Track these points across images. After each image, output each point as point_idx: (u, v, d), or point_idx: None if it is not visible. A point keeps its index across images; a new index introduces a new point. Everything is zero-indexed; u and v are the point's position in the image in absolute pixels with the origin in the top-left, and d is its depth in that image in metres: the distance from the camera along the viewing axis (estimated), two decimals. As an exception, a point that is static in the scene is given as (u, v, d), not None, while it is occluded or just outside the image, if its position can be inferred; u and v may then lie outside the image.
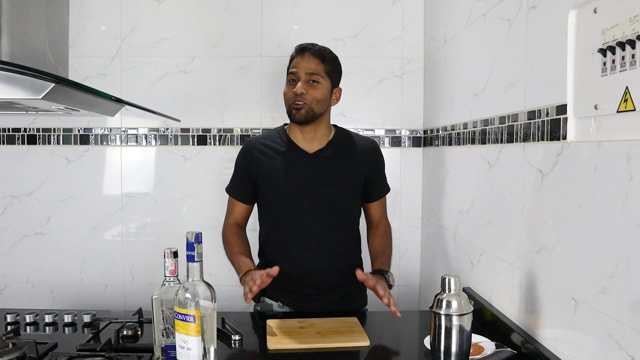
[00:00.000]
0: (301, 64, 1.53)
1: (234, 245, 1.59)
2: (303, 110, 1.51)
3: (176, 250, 1.14)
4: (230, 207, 1.67)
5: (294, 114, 1.53)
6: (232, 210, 1.66)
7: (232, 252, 1.58)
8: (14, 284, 2.30)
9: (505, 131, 1.38)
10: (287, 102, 1.54)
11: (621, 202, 0.89)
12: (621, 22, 0.87)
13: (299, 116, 1.52)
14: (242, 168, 1.62)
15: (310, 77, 1.52)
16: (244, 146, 1.65)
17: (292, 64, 1.56)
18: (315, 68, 1.53)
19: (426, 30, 2.24)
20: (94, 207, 2.28)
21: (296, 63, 1.54)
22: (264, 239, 1.65)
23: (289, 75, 1.55)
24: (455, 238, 1.81)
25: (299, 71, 1.53)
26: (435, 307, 1.02)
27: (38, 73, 1.02)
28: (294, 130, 1.60)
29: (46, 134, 2.27)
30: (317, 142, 1.59)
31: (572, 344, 1.05)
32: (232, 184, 1.67)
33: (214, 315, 1.07)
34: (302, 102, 1.51)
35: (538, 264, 1.19)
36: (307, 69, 1.52)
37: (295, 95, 1.51)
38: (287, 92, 1.55)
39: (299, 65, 1.53)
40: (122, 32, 2.23)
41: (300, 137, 1.59)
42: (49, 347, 1.26)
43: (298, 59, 1.55)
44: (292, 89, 1.52)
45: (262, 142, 1.62)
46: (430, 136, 2.19)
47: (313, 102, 1.52)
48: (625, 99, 0.86)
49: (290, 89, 1.53)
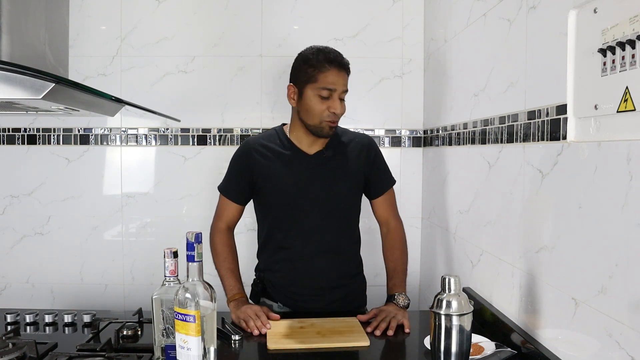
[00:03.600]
0: (340, 81, 1.47)
1: (224, 260, 1.58)
2: (335, 126, 1.51)
3: (176, 250, 1.14)
4: (222, 207, 1.63)
5: (327, 132, 1.50)
6: (224, 212, 1.63)
7: (222, 267, 1.57)
8: (14, 284, 2.30)
9: (505, 131, 1.38)
10: (318, 116, 1.47)
11: (621, 202, 0.89)
12: (621, 22, 0.87)
13: (332, 132, 1.52)
14: (241, 169, 1.59)
15: (343, 95, 1.51)
16: (242, 147, 1.62)
17: (327, 78, 1.45)
18: (347, 85, 1.51)
19: (426, 30, 2.24)
20: (94, 207, 2.28)
21: (335, 80, 1.46)
22: (264, 239, 1.64)
23: (324, 90, 1.46)
24: (455, 238, 1.81)
25: (338, 88, 1.47)
26: (435, 307, 1.02)
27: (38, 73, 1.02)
28: (298, 133, 1.56)
29: (46, 134, 2.27)
30: (318, 144, 1.58)
31: (572, 344, 1.05)
32: (226, 183, 1.63)
33: (214, 315, 1.07)
34: (337, 120, 1.50)
35: (538, 264, 1.19)
36: (344, 87, 1.49)
37: (333, 115, 1.47)
38: (318, 107, 1.47)
39: (338, 82, 1.47)
40: (122, 32, 2.23)
41: (304, 140, 1.56)
42: (49, 347, 1.26)
43: (335, 73, 1.46)
44: (326, 105, 1.46)
45: (261, 143, 1.59)
46: (430, 136, 2.19)
47: (340, 118, 1.52)
48: (625, 99, 0.86)
49: (324, 104, 1.47)
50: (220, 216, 1.63)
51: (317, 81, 1.46)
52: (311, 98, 1.47)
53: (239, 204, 1.62)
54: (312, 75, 1.47)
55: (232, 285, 1.54)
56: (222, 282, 1.56)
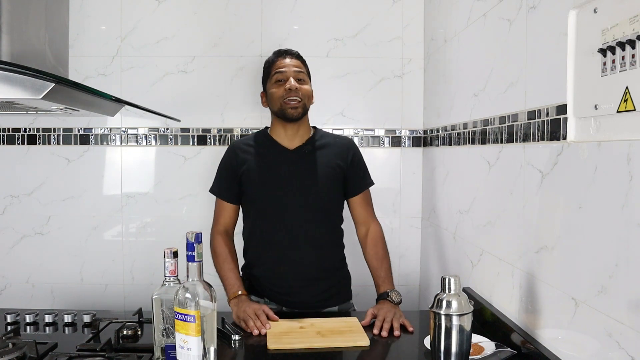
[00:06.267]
0: (286, 63, 1.59)
1: (224, 261, 1.60)
2: (299, 107, 1.57)
3: (176, 250, 1.14)
4: (218, 211, 1.67)
5: (290, 112, 1.56)
6: (220, 214, 1.66)
7: (223, 268, 1.59)
8: (14, 284, 2.30)
9: (505, 131, 1.38)
10: (278, 100, 1.57)
11: (621, 202, 0.89)
12: (621, 22, 0.87)
13: (296, 113, 1.57)
14: (228, 167, 1.65)
15: (298, 75, 1.59)
16: (228, 148, 1.70)
17: (275, 66, 1.60)
18: (301, 67, 1.61)
19: (426, 30, 2.24)
20: (94, 207, 2.28)
21: (281, 64, 1.59)
22: (248, 235, 1.67)
23: (276, 75, 1.58)
24: (455, 238, 1.81)
25: (287, 70, 1.58)
26: (435, 307, 1.02)
27: (38, 73, 1.02)
28: (277, 129, 1.64)
29: (46, 134, 2.27)
30: (298, 140, 1.64)
31: (572, 344, 1.05)
32: (217, 185, 1.68)
33: (214, 315, 1.07)
34: (297, 98, 1.55)
35: (538, 264, 1.19)
36: (295, 67, 1.59)
37: (289, 92, 1.55)
38: (276, 92, 1.58)
39: (285, 65, 1.59)
40: (122, 32, 2.23)
41: (283, 134, 1.63)
42: (49, 347, 1.26)
43: (281, 60, 1.60)
44: (281, 88, 1.56)
45: (245, 142, 1.68)
46: (430, 136, 2.19)
47: (305, 98, 1.58)
48: (625, 99, 0.86)
49: (279, 87, 1.57)
50: (218, 220, 1.67)
51: (270, 73, 1.62)
52: (271, 89, 1.60)
53: (232, 204, 1.66)
54: (267, 72, 1.64)
55: (232, 283, 1.55)
56: (223, 282, 1.57)
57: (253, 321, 1.40)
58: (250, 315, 1.42)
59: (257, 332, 1.38)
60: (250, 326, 1.39)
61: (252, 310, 1.44)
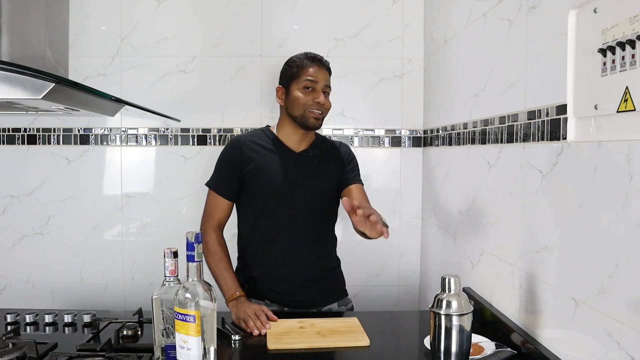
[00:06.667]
0: (319, 75, 1.58)
1: (219, 260, 1.58)
2: (321, 119, 1.60)
3: (176, 250, 1.14)
4: (212, 206, 1.64)
5: (312, 122, 1.58)
6: (214, 210, 1.63)
7: (218, 267, 1.57)
8: (14, 284, 2.30)
9: (505, 131, 1.38)
10: (302, 106, 1.56)
11: (621, 202, 0.89)
12: (621, 22, 0.87)
13: (318, 124, 1.60)
14: (231, 164, 1.61)
15: (326, 89, 1.60)
16: (231, 143, 1.65)
17: (308, 72, 1.58)
18: (329, 80, 1.62)
19: (426, 30, 2.24)
20: (94, 207, 2.28)
21: (314, 73, 1.58)
22: (248, 234, 1.65)
23: (306, 82, 1.57)
24: (455, 238, 1.81)
25: (319, 82, 1.58)
26: (435, 307, 1.02)
27: (38, 73, 1.02)
28: (286, 130, 1.64)
29: (46, 134, 2.27)
30: (304, 143, 1.66)
31: (572, 344, 1.05)
32: (216, 180, 1.64)
33: (214, 315, 1.07)
34: (321, 112, 1.58)
35: (538, 264, 1.19)
36: (325, 81, 1.60)
37: (317, 105, 1.56)
38: (302, 98, 1.57)
39: (318, 76, 1.58)
40: (122, 32, 2.23)
41: (292, 137, 1.63)
42: (49, 347, 1.26)
43: (315, 69, 1.59)
44: (310, 96, 1.56)
45: (250, 139, 1.65)
46: (430, 136, 2.19)
47: (326, 112, 1.61)
48: (625, 99, 0.86)
49: (307, 95, 1.57)
50: (211, 215, 1.63)
51: (300, 76, 1.58)
52: (296, 92, 1.58)
53: (229, 201, 1.64)
54: (295, 73, 1.59)
55: (229, 284, 1.54)
56: (218, 282, 1.56)
57: (253, 321, 1.41)
58: (250, 316, 1.42)
59: (257, 332, 1.38)
60: (250, 326, 1.40)
61: (252, 311, 1.44)
